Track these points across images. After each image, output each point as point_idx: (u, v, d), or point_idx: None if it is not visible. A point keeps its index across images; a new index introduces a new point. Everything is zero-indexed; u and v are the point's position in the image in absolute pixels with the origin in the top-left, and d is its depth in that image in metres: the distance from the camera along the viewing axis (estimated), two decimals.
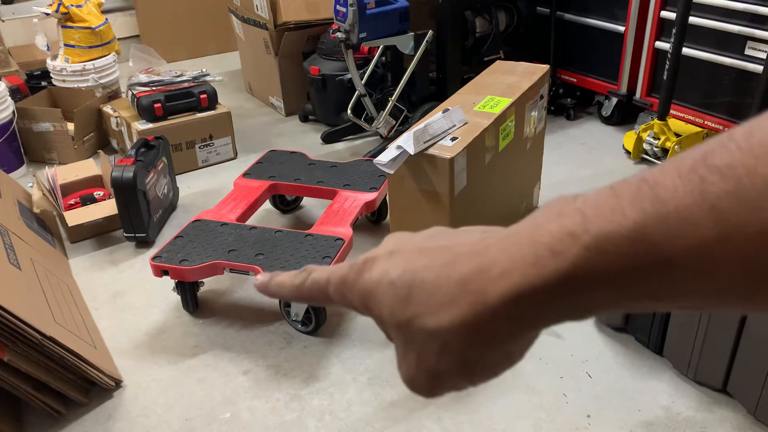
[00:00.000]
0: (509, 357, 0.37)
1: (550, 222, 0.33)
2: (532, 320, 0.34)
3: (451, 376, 0.37)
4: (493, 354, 0.36)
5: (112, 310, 1.86)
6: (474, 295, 0.34)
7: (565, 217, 0.32)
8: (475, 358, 0.36)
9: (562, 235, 0.32)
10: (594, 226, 0.31)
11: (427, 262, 0.36)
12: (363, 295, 0.38)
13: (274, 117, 3.18)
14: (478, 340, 0.35)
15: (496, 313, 0.33)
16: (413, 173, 1.55)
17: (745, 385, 1.41)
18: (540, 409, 1.48)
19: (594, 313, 0.34)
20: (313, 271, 0.41)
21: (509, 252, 0.33)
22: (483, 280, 0.34)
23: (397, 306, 0.36)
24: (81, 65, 2.89)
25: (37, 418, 1.50)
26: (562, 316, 0.34)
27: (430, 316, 0.35)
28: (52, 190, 2.27)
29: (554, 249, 0.32)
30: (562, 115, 2.98)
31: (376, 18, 2.30)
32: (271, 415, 1.49)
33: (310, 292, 0.41)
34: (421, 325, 0.35)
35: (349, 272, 0.39)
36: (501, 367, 0.38)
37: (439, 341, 0.35)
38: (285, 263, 1.64)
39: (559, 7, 2.84)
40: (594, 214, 0.31)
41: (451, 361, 0.36)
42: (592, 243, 0.31)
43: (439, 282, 0.35)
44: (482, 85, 1.89)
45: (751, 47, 2.22)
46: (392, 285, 0.36)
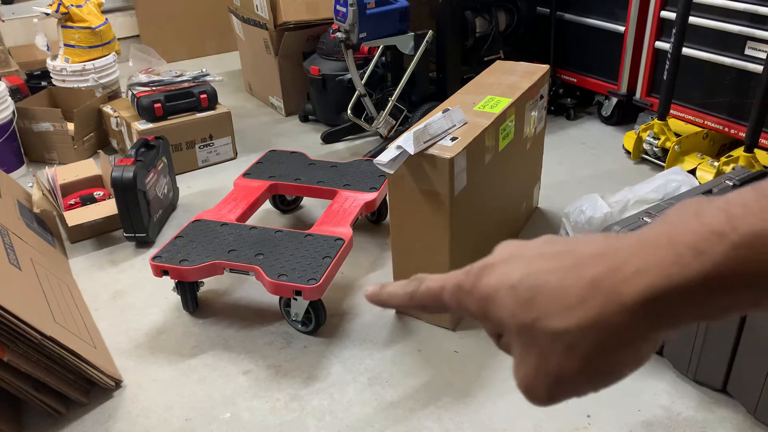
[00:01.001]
0: (637, 359, 0.36)
1: (689, 222, 0.32)
2: (668, 320, 0.33)
3: (574, 379, 0.36)
4: (622, 355, 0.35)
5: (112, 310, 1.86)
6: (606, 295, 0.33)
7: (707, 217, 0.32)
8: (603, 359, 0.35)
9: (707, 233, 0.31)
10: (743, 224, 0.31)
11: (549, 265, 0.36)
12: (481, 300, 0.38)
13: (274, 117, 3.18)
14: (609, 341, 0.34)
15: (631, 312, 0.33)
16: (413, 173, 1.55)
17: (745, 385, 1.41)
18: (540, 409, 1.48)
19: (734, 313, 0.33)
20: (426, 279, 0.41)
21: (644, 252, 0.33)
22: (616, 280, 0.33)
23: (520, 308, 0.36)
24: (81, 65, 2.89)
25: (37, 418, 1.50)
26: (701, 316, 0.33)
27: (557, 316, 0.35)
28: (52, 190, 2.27)
29: (698, 248, 0.31)
30: (562, 115, 2.98)
31: (376, 18, 2.30)
32: (271, 415, 1.49)
33: (423, 300, 0.41)
34: (546, 326, 0.35)
35: (466, 278, 0.39)
36: (628, 369, 0.36)
37: (564, 342, 0.35)
38: (285, 263, 1.64)
39: (559, 7, 2.84)
40: (742, 213, 0.31)
41: (576, 363, 0.35)
42: (742, 242, 0.30)
43: (566, 283, 0.35)
44: (482, 85, 1.89)
45: (751, 47, 2.22)
46: (513, 288, 0.36)
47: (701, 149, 2.46)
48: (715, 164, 2.25)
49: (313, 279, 1.58)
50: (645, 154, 2.56)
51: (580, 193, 2.02)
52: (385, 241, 2.11)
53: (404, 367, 1.61)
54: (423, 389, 1.55)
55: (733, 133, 2.34)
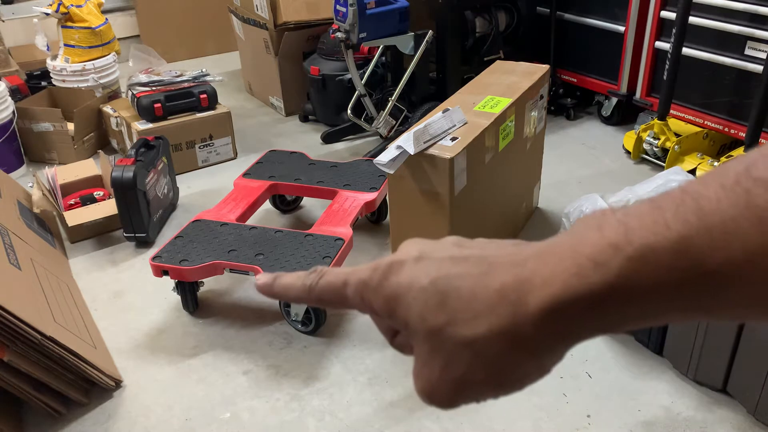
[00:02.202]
0: (540, 369, 0.36)
1: (591, 234, 0.33)
2: (572, 331, 0.34)
3: (478, 386, 0.36)
4: (527, 365, 0.35)
5: (112, 310, 1.86)
6: (513, 304, 0.34)
7: (607, 229, 0.32)
8: (508, 368, 0.35)
9: (604, 246, 0.32)
10: (637, 237, 0.31)
11: (461, 270, 0.36)
12: (388, 299, 0.37)
13: (274, 117, 3.18)
14: (515, 350, 0.34)
15: (536, 322, 0.33)
16: (413, 173, 1.55)
17: (745, 385, 1.41)
18: (540, 409, 1.48)
19: (634, 325, 0.33)
20: (326, 272, 0.40)
21: (549, 263, 0.33)
22: (523, 290, 0.34)
23: (429, 312, 0.36)
24: (81, 65, 2.89)
25: (37, 418, 1.50)
26: (602, 328, 0.34)
27: (466, 324, 0.35)
28: (52, 190, 2.27)
29: (597, 260, 0.32)
30: (562, 115, 2.98)
31: (376, 18, 2.30)
32: (271, 415, 1.49)
33: (322, 294, 0.40)
34: (454, 333, 0.35)
35: (373, 274, 0.38)
36: (530, 379, 0.36)
37: (471, 350, 0.35)
38: (285, 263, 1.64)
39: (559, 7, 2.84)
40: (637, 225, 0.31)
41: (481, 371, 0.35)
42: (636, 254, 0.31)
43: (476, 291, 0.35)
44: (482, 85, 1.89)
45: (751, 47, 2.22)
46: (424, 291, 0.36)
47: (701, 149, 2.46)
48: (715, 164, 2.25)
49: None
50: (645, 154, 2.56)
51: (580, 193, 2.03)
52: (385, 241, 2.11)
53: (404, 367, 1.61)
54: None
55: (733, 133, 2.34)
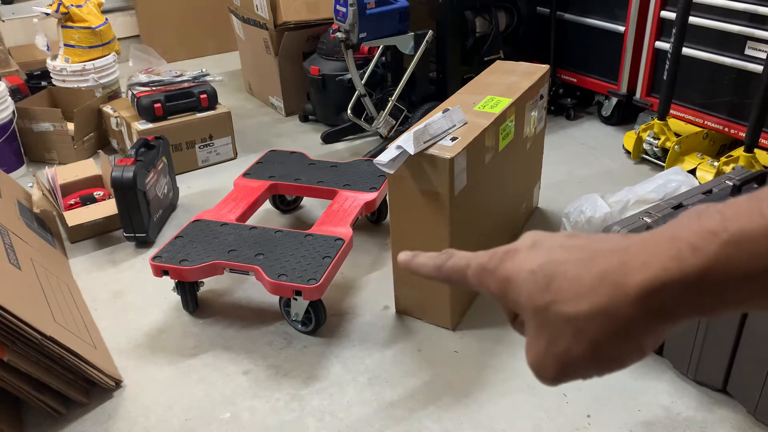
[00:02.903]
0: (640, 349, 0.38)
1: (691, 222, 0.36)
2: (669, 313, 0.36)
3: (580, 363, 0.39)
4: (625, 344, 0.38)
5: (112, 310, 1.86)
6: (614, 285, 0.36)
7: (705, 218, 0.35)
8: (608, 346, 0.38)
9: (702, 232, 0.35)
10: (733, 224, 0.34)
11: (568, 256, 0.39)
12: (502, 281, 0.41)
13: (274, 117, 3.18)
14: (614, 328, 0.37)
15: (634, 302, 0.36)
16: (413, 173, 1.55)
17: (745, 385, 1.41)
18: (540, 409, 1.48)
19: (729, 309, 0.36)
20: (454, 255, 0.45)
21: (650, 248, 0.36)
22: (623, 272, 0.36)
23: (537, 292, 0.39)
24: (81, 65, 2.89)
25: (37, 418, 1.50)
26: (698, 311, 0.36)
27: (569, 302, 0.38)
28: (52, 190, 2.27)
29: (694, 245, 0.34)
30: (562, 115, 2.98)
31: (376, 18, 2.30)
32: (271, 415, 1.49)
33: (449, 274, 0.45)
34: (558, 310, 0.38)
35: (490, 260, 0.42)
36: (630, 359, 0.39)
37: (574, 327, 0.38)
38: (285, 263, 1.64)
39: (559, 7, 2.84)
40: (733, 214, 0.34)
41: (582, 347, 0.38)
42: (731, 240, 0.33)
43: (580, 273, 0.38)
44: (482, 85, 1.89)
45: (751, 47, 2.22)
46: (533, 273, 0.39)
47: (701, 149, 2.46)
48: (715, 164, 2.25)
49: (313, 279, 1.58)
50: (645, 154, 2.56)
51: (580, 193, 2.03)
52: (385, 241, 2.11)
53: (404, 367, 1.61)
54: (423, 389, 1.55)
55: (733, 133, 2.34)
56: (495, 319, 1.76)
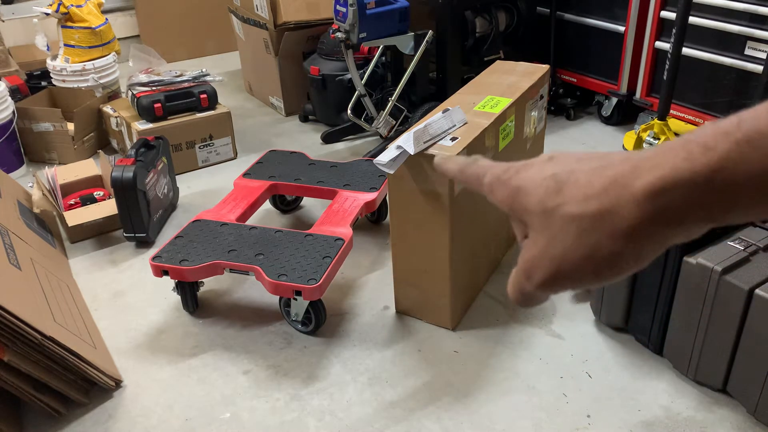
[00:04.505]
0: (637, 257, 0.38)
1: (707, 126, 0.35)
2: (675, 216, 0.35)
3: (575, 266, 0.38)
4: (625, 248, 0.37)
5: (112, 310, 1.86)
6: (623, 187, 0.36)
7: (721, 122, 0.35)
8: (608, 249, 0.37)
9: (716, 134, 0.34)
10: (748, 124, 0.33)
11: (582, 165, 0.39)
12: (513, 190, 0.41)
13: (274, 117, 3.18)
14: (617, 229, 0.37)
15: (639, 202, 0.35)
16: (413, 173, 1.55)
17: (745, 385, 1.41)
18: (540, 409, 1.48)
19: (738, 214, 0.35)
20: (478, 162, 0.46)
21: (663, 152, 0.36)
22: (634, 175, 0.36)
23: (547, 196, 0.39)
24: (81, 65, 2.89)
25: (37, 418, 1.50)
26: (706, 216, 0.35)
27: (577, 203, 0.38)
28: (52, 190, 2.27)
29: (707, 145, 0.34)
30: (562, 115, 2.98)
31: (376, 18, 2.30)
32: (271, 415, 1.49)
33: (467, 178, 0.46)
34: (565, 211, 0.38)
35: (506, 171, 0.43)
36: (627, 266, 0.38)
37: (577, 227, 0.38)
38: (285, 263, 1.64)
39: (559, 7, 2.84)
40: (750, 116, 0.33)
41: (582, 249, 0.38)
42: (744, 138, 0.33)
43: (591, 179, 0.38)
44: (482, 85, 1.89)
45: (751, 47, 2.22)
46: (545, 180, 0.40)
47: None
48: None
49: (313, 279, 1.58)
50: None
51: None
52: (385, 241, 2.11)
53: (404, 367, 1.61)
54: (423, 389, 1.55)
55: None
56: (495, 319, 1.76)
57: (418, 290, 1.72)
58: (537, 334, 1.70)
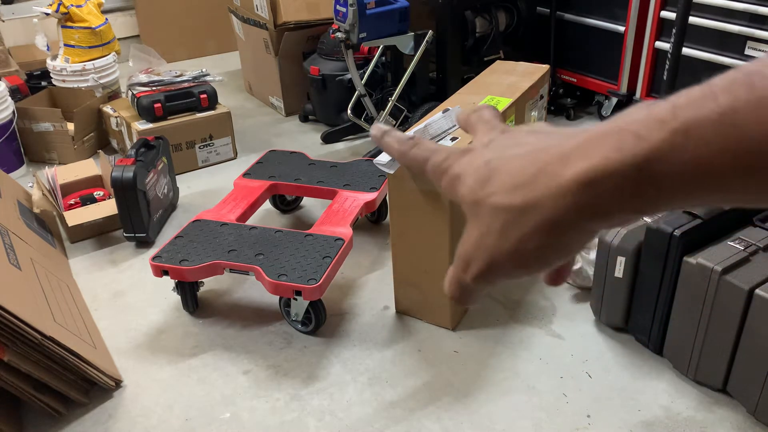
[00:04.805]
0: (567, 249, 0.37)
1: (640, 112, 0.33)
2: (603, 209, 0.34)
3: (505, 259, 0.37)
4: (553, 240, 0.36)
5: (112, 310, 1.86)
6: (550, 176, 0.34)
7: (655, 108, 0.33)
8: (534, 241, 0.36)
9: (650, 122, 0.32)
10: (684, 112, 0.31)
11: (515, 152, 0.38)
12: (452, 179, 0.40)
13: (274, 117, 3.18)
14: (543, 221, 0.35)
15: (566, 193, 0.34)
16: (413, 173, 1.55)
17: (745, 385, 1.41)
18: (540, 409, 1.48)
19: (670, 205, 0.33)
20: (419, 144, 0.45)
21: (594, 140, 0.34)
22: (563, 164, 0.34)
23: (478, 185, 0.38)
24: (81, 65, 2.89)
25: (37, 418, 1.50)
26: (636, 207, 0.33)
27: (505, 194, 0.36)
28: (52, 190, 2.27)
29: (639, 134, 0.32)
30: (562, 115, 2.98)
31: (376, 18, 2.30)
32: (271, 415, 1.49)
33: (410, 163, 0.45)
34: (492, 201, 0.37)
35: (446, 159, 0.41)
36: (556, 257, 0.37)
37: (504, 219, 0.36)
38: (285, 263, 1.64)
39: (559, 7, 2.84)
40: (685, 102, 0.32)
41: (509, 242, 0.37)
42: (680, 127, 0.31)
43: (522, 167, 0.36)
44: (482, 85, 1.89)
45: (751, 47, 2.22)
46: (478, 169, 0.38)
47: None
48: None
49: (313, 279, 1.58)
50: None
51: None
52: (385, 241, 2.11)
53: (404, 367, 1.61)
54: (423, 389, 1.55)
55: None
56: (495, 319, 1.76)
57: (418, 290, 1.72)
58: (537, 334, 1.70)
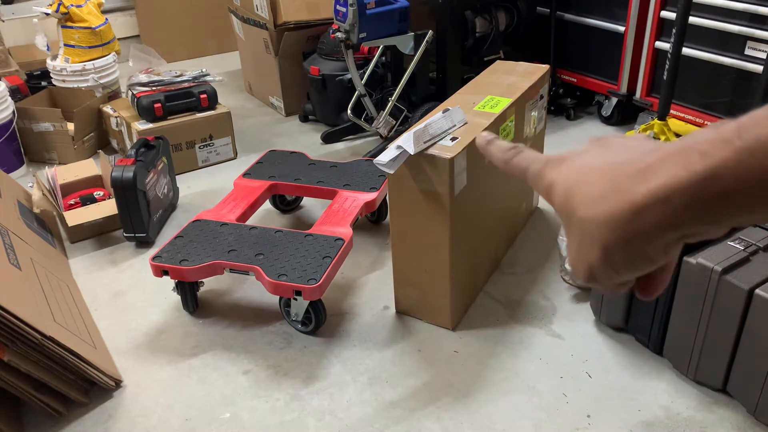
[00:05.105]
0: (649, 258, 0.39)
1: (708, 132, 0.36)
2: (674, 222, 0.36)
3: (599, 268, 0.41)
4: (633, 252, 0.39)
5: (112, 310, 1.86)
6: (624, 193, 0.37)
7: (722, 128, 0.35)
8: (617, 253, 0.39)
9: (716, 141, 0.34)
10: (748, 132, 0.33)
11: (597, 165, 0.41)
12: (547, 188, 0.44)
13: (274, 117, 3.18)
14: (620, 236, 0.38)
15: (639, 211, 0.37)
16: (413, 173, 1.55)
17: (745, 385, 1.41)
18: (540, 409, 1.48)
19: (737, 219, 0.36)
20: (521, 152, 0.48)
21: (664, 158, 0.37)
22: (634, 181, 0.37)
23: (564, 199, 0.42)
24: (81, 65, 2.89)
25: (37, 418, 1.50)
26: (705, 219, 0.36)
27: (586, 207, 0.40)
28: (52, 190, 2.27)
29: (706, 152, 0.34)
30: (562, 115, 2.98)
31: (376, 18, 2.30)
32: (271, 415, 1.49)
33: (512, 170, 0.48)
34: (579, 214, 0.40)
35: (544, 168, 0.45)
36: (643, 265, 0.40)
37: (588, 234, 0.40)
38: (285, 263, 1.64)
39: (559, 7, 2.84)
40: (750, 123, 0.34)
41: (596, 254, 0.40)
42: (744, 146, 0.33)
43: (596, 181, 0.40)
44: (482, 85, 1.89)
45: (751, 47, 2.22)
46: (565, 181, 0.42)
47: None
48: None
49: (313, 279, 1.58)
50: None
51: None
52: (385, 241, 2.11)
53: (404, 367, 1.61)
54: (423, 389, 1.55)
55: None
56: (495, 319, 1.76)
57: (418, 290, 1.72)
58: (537, 334, 1.70)
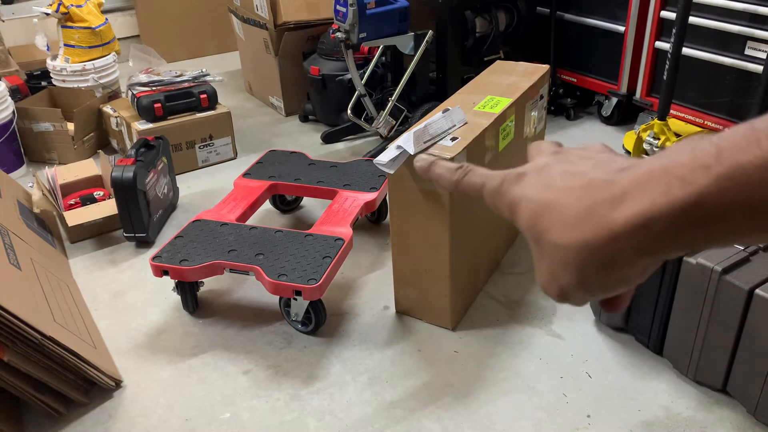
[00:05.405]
0: (626, 280, 0.39)
1: (683, 156, 0.34)
2: (654, 248, 0.36)
3: (573, 290, 0.40)
4: (611, 276, 0.38)
5: (112, 310, 1.86)
6: (600, 219, 0.36)
7: (699, 151, 0.34)
8: (594, 277, 0.38)
9: (696, 166, 0.33)
10: (728, 157, 0.32)
11: (565, 184, 0.39)
12: (510, 205, 0.42)
13: (274, 117, 3.18)
14: (598, 261, 0.37)
15: (618, 238, 0.36)
16: (413, 173, 1.55)
17: (745, 385, 1.41)
18: (540, 409, 1.48)
19: (718, 244, 0.35)
20: (471, 172, 0.46)
21: (641, 183, 0.35)
22: (611, 207, 0.36)
23: (532, 221, 0.40)
24: (81, 65, 2.89)
25: (37, 418, 1.50)
26: (687, 245, 0.35)
27: (558, 233, 0.38)
28: (52, 190, 2.27)
29: (685, 179, 0.33)
30: (562, 115, 2.98)
31: (376, 18, 2.30)
32: (271, 415, 1.49)
33: (465, 190, 0.47)
34: (550, 239, 0.39)
35: (502, 184, 0.43)
36: (619, 288, 0.39)
37: (562, 257, 0.38)
38: (285, 263, 1.64)
39: (559, 7, 2.84)
40: (729, 146, 0.33)
41: (571, 277, 0.39)
42: (725, 173, 0.32)
43: (570, 204, 0.38)
44: (482, 85, 1.89)
45: (751, 47, 2.22)
46: (531, 201, 0.40)
47: None
48: None
49: (313, 279, 1.58)
50: (645, 154, 2.55)
51: None
52: (385, 241, 2.11)
53: (404, 367, 1.61)
54: (423, 389, 1.55)
55: None
56: (495, 319, 1.76)
57: (418, 290, 1.72)
58: (537, 334, 1.70)
